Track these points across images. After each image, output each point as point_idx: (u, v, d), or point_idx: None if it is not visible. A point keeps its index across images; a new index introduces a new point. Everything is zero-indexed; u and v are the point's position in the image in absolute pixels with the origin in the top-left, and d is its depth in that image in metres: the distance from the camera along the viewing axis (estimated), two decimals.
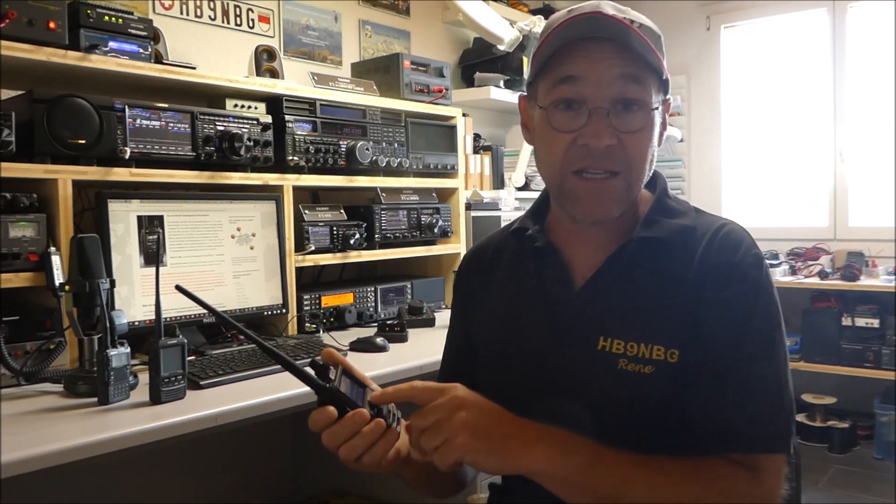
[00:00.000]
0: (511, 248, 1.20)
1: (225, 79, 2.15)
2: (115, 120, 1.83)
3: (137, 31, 1.94)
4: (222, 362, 1.74)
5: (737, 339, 0.98)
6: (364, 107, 2.51)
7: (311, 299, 2.32)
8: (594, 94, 1.00)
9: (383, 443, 0.93)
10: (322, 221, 2.37)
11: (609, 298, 1.05)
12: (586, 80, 1.00)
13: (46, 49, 1.74)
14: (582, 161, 1.01)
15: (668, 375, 0.98)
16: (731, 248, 1.02)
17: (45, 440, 1.23)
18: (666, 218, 1.08)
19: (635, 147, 1.01)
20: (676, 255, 1.03)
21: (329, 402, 0.91)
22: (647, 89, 1.01)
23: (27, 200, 1.68)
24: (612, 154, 1.00)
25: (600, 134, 0.99)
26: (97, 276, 1.59)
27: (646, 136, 1.02)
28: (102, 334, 1.49)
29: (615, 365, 1.00)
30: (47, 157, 1.73)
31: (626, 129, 1.00)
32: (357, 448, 0.92)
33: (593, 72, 1.00)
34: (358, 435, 0.91)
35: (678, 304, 1.00)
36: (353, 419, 0.91)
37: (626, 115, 1.00)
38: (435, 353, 1.94)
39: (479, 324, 1.20)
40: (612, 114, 1.00)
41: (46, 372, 1.61)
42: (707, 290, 1.00)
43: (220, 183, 2.08)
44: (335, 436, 0.91)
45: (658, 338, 0.99)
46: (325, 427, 0.91)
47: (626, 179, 1.02)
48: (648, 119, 1.02)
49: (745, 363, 0.97)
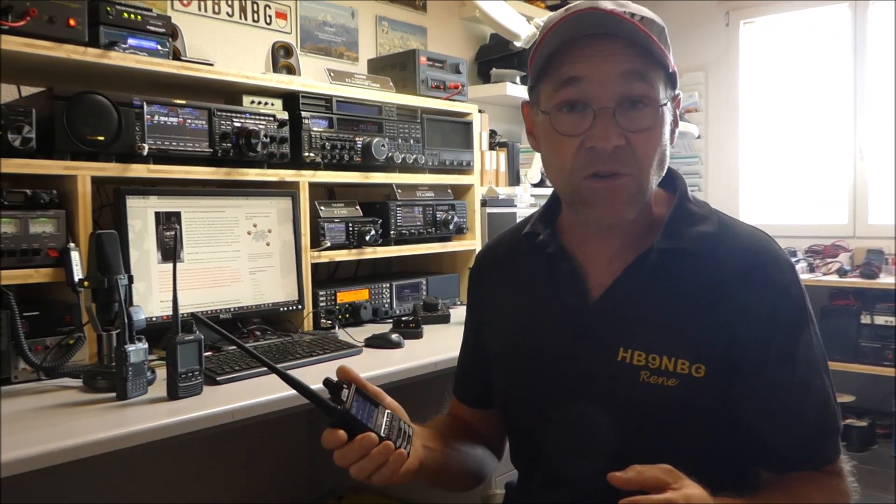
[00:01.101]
0: (524, 251, 1.17)
1: (242, 75, 2.15)
2: (133, 116, 1.84)
3: (156, 28, 1.95)
4: (239, 358, 1.75)
5: (790, 356, 0.98)
6: (380, 103, 2.52)
7: (327, 295, 2.33)
8: (598, 94, 0.96)
9: (391, 464, 0.95)
10: (338, 218, 2.37)
11: (629, 309, 1.02)
12: (589, 79, 0.96)
13: (66, 46, 1.75)
14: (593, 165, 0.97)
15: (693, 390, 0.97)
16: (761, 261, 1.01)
17: (64, 435, 1.24)
18: (687, 225, 1.04)
19: (644, 146, 0.97)
20: (696, 265, 1.01)
21: (339, 425, 0.94)
22: (654, 85, 0.97)
23: (47, 196, 1.70)
24: (620, 155, 0.96)
25: (608, 135, 0.95)
26: (115, 271, 1.60)
27: (655, 134, 0.98)
28: (121, 330, 1.50)
29: (637, 377, 0.99)
30: (67, 154, 1.74)
31: (633, 129, 0.96)
32: (366, 469, 0.94)
33: (596, 71, 0.96)
34: (367, 457, 0.94)
35: (703, 318, 0.98)
36: (361, 443, 0.93)
37: (633, 114, 0.96)
38: (450, 349, 1.95)
39: (493, 327, 1.19)
40: (619, 113, 0.96)
41: (66, 367, 1.63)
42: (740, 306, 0.98)
43: (236, 179, 2.09)
44: (345, 457, 0.94)
45: (682, 351, 0.97)
46: (336, 448, 0.94)
47: (635, 181, 0.98)
48: (657, 116, 0.98)
49: (807, 376, 0.98)
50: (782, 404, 0.97)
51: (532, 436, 1.11)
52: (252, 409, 1.48)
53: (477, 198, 2.89)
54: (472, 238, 2.84)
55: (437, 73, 2.79)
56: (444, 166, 2.75)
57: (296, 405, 1.56)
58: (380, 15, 3.17)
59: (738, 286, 0.99)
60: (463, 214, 2.77)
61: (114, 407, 1.44)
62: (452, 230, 2.71)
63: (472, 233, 2.84)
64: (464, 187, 2.88)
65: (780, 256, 1.02)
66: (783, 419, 0.97)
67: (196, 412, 1.40)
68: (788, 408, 0.97)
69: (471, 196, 2.87)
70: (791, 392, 0.98)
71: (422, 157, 2.62)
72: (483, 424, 1.25)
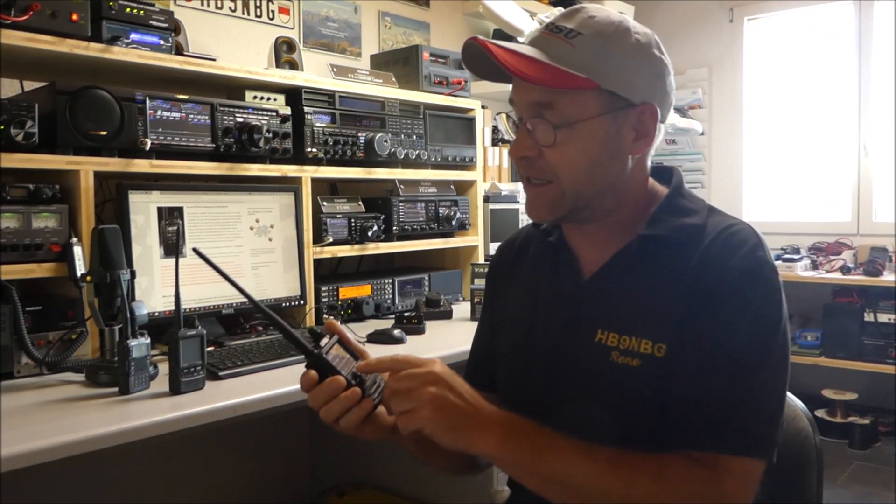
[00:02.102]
0: (535, 242, 1.24)
1: (245, 70, 2.15)
2: (135, 111, 1.84)
3: (158, 23, 1.95)
4: (241, 353, 1.75)
5: (722, 343, 0.97)
6: (383, 99, 2.51)
7: (329, 291, 2.33)
8: (518, 112, 1.09)
9: (357, 410, 1.00)
10: (340, 213, 2.37)
11: (610, 293, 1.08)
12: (515, 102, 1.09)
13: (69, 41, 1.75)
14: (520, 170, 1.11)
15: (653, 369, 1.00)
16: (731, 250, 1.01)
17: (66, 430, 1.24)
18: (674, 216, 1.08)
19: (558, 158, 1.04)
20: (678, 254, 1.04)
21: (314, 368, 1.01)
22: (570, 104, 1.03)
23: (50, 191, 1.70)
24: (535, 164, 1.07)
25: (518, 146, 1.07)
26: (118, 266, 1.60)
27: (571, 149, 1.04)
28: (123, 325, 1.50)
29: (608, 357, 1.03)
30: (69, 149, 1.74)
31: (545, 144, 1.05)
32: (332, 411, 0.99)
33: (515, 94, 1.09)
34: (334, 400, 0.99)
35: (672, 301, 1.02)
36: (329, 384, 0.99)
37: (545, 132, 1.04)
38: (452, 345, 1.95)
39: (503, 317, 1.24)
40: (532, 128, 1.05)
41: (68, 362, 1.63)
42: (701, 290, 1.00)
43: (239, 174, 2.09)
44: (315, 398, 1.00)
45: (648, 332, 1.01)
46: (309, 389, 1.00)
47: (558, 187, 1.06)
48: (573, 134, 1.03)
49: (730, 366, 0.97)
50: (718, 391, 0.96)
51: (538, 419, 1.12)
52: (254, 405, 1.48)
53: (479, 194, 2.89)
54: (474, 234, 2.84)
55: (439, 69, 2.79)
56: (447, 162, 2.75)
57: (298, 400, 1.56)
58: (383, 10, 3.17)
59: (710, 278, 1.00)
60: (465, 210, 2.77)
61: (116, 402, 1.44)
62: (455, 226, 2.71)
63: (474, 229, 2.84)
64: (466, 183, 2.87)
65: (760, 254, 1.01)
66: (710, 400, 0.96)
67: (198, 407, 1.40)
68: (723, 395, 0.96)
69: (473, 192, 2.87)
70: (735, 387, 0.96)
71: (424, 152, 2.62)
72: None
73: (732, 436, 0.95)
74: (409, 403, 0.94)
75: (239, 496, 2.51)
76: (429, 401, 0.94)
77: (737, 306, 0.98)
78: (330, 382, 0.99)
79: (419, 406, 0.94)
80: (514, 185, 3.27)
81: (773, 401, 0.98)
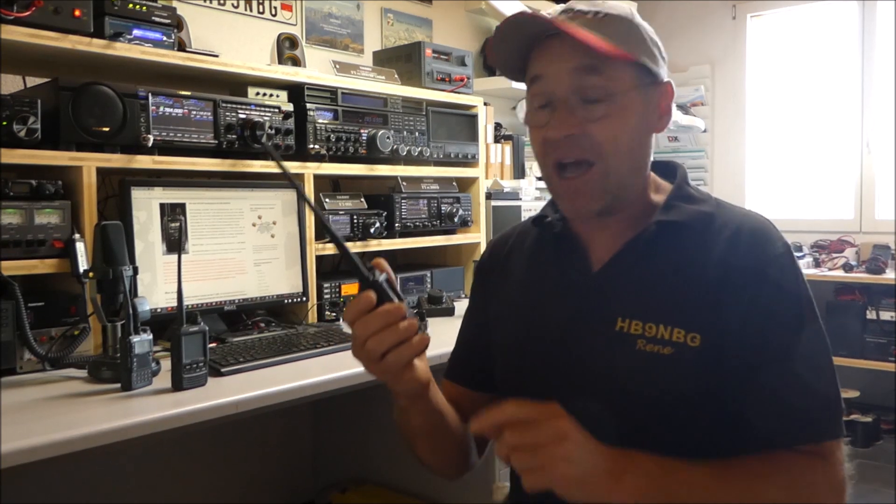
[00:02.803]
0: (532, 236, 1.22)
1: (247, 67, 2.15)
2: (138, 108, 1.84)
3: (161, 19, 1.95)
4: (243, 350, 1.75)
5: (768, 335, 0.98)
6: (385, 95, 2.51)
7: (331, 287, 2.33)
8: (555, 88, 1.03)
9: (413, 344, 0.93)
10: (342, 210, 2.37)
11: (627, 280, 1.06)
12: (547, 77, 1.03)
13: (72, 37, 1.75)
14: (554, 153, 1.03)
15: (688, 358, 0.98)
16: (760, 246, 1.02)
17: (68, 425, 1.24)
18: (685, 204, 1.08)
19: (603, 134, 1.01)
20: (696, 240, 1.04)
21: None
22: (612, 76, 1.01)
23: (52, 188, 1.70)
24: (579, 143, 1.01)
25: (560, 125, 1.01)
26: (120, 262, 1.61)
27: (615, 123, 1.02)
28: (125, 321, 1.50)
29: (633, 345, 1.01)
30: (72, 145, 1.74)
31: (590, 118, 1.01)
32: (385, 342, 0.91)
33: (550, 68, 1.03)
34: (391, 327, 0.91)
35: (699, 290, 1.01)
36: (388, 310, 0.90)
37: (589, 106, 1.01)
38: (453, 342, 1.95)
39: (499, 309, 1.21)
40: (575, 104, 1.01)
41: (71, 357, 1.63)
42: (734, 285, 0.99)
43: (241, 171, 2.09)
44: (367, 325, 0.91)
45: (678, 320, 1.00)
46: (361, 315, 0.91)
47: (602, 168, 1.02)
48: (615, 107, 1.02)
49: (786, 355, 0.97)
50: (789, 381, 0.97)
51: None
52: (256, 401, 1.48)
53: (482, 191, 2.89)
54: (476, 231, 2.84)
55: (442, 66, 2.79)
56: (449, 159, 2.75)
57: (300, 397, 1.56)
58: (385, 7, 3.16)
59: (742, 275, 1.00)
60: (468, 207, 2.77)
61: (118, 398, 1.44)
62: (457, 223, 2.71)
63: (476, 226, 2.84)
64: (468, 180, 2.87)
65: (775, 235, 1.04)
66: (790, 391, 0.96)
67: (200, 403, 1.40)
68: (797, 384, 0.97)
69: (475, 189, 2.87)
70: (801, 373, 0.97)
71: (427, 149, 2.62)
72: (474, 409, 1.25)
73: (827, 420, 0.97)
74: (537, 461, 0.86)
75: (241, 492, 2.51)
76: (562, 459, 0.85)
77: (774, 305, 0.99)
78: (390, 307, 0.90)
79: (550, 465, 0.85)
80: (515, 183, 3.27)
81: (834, 377, 1.00)
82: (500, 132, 3.40)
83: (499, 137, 3.37)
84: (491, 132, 3.24)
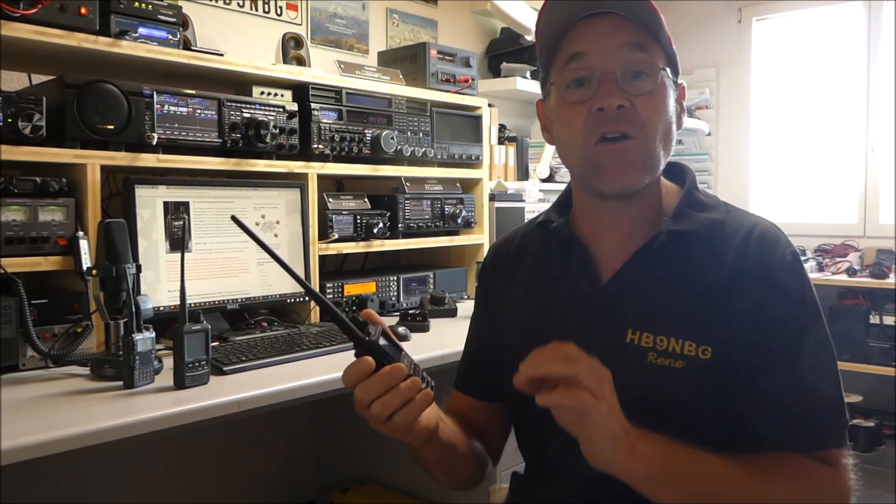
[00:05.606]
0: (536, 241, 1.20)
1: (252, 66, 2.15)
2: (143, 106, 1.84)
3: (167, 18, 1.95)
4: (245, 349, 1.76)
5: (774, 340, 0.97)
6: (390, 96, 2.51)
7: (334, 287, 2.33)
8: (600, 64, 1.01)
9: (417, 402, 0.92)
10: (346, 210, 2.37)
11: (638, 292, 1.04)
12: (591, 53, 1.02)
13: (77, 35, 1.76)
14: (601, 126, 1.00)
15: (699, 371, 0.97)
16: (768, 252, 1.01)
17: (70, 423, 1.24)
18: (696, 211, 1.07)
19: (647, 109, 1.01)
20: (707, 250, 1.03)
21: (367, 355, 0.90)
22: (654, 55, 1.03)
23: (57, 185, 1.70)
24: (626, 116, 1.00)
25: (612, 95, 0.99)
26: (124, 260, 1.61)
27: (658, 100, 1.02)
28: (128, 319, 1.51)
29: (644, 358, 1.00)
30: (77, 143, 1.74)
31: (636, 93, 1.00)
32: (391, 404, 0.90)
33: (596, 44, 1.02)
34: (393, 390, 0.89)
35: (710, 302, 1.00)
36: (390, 373, 0.89)
37: (635, 81, 1.01)
38: (456, 343, 1.94)
39: (505, 318, 1.20)
40: (621, 78, 1.00)
41: (73, 355, 1.63)
42: (742, 292, 0.99)
43: (245, 170, 2.09)
44: (369, 390, 0.89)
45: (689, 333, 0.99)
46: (360, 380, 0.89)
47: (642, 144, 1.01)
48: (658, 84, 1.02)
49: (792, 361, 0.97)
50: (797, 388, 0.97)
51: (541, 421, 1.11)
52: (258, 400, 1.48)
53: (485, 192, 2.89)
54: (479, 232, 2.84)
55: (447, 67, 2.79)
56: (453, 160, 2.74)
57: (302, 396, 1.56)
58: (391, 7, 3.16)
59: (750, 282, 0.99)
60: (471, 208, 2.77)
61: (120, 395, 1.44)
62: (460, 224, 2.70)
63: (479, 227, 2.84)
64: (472, 181, 2.87)
65: (784, 241, 1.03)
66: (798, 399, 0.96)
67: (202, 402, 1.40)
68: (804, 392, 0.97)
69: (479, 190, 2.87)
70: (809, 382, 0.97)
71: (431, 150, 2.62)
72: (484, 419, 1.24)
73: (833, 429, 0.97)
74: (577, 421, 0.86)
75: (242, 491, 2.52)
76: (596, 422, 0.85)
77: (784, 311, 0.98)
78: (390, 371, 0.89)
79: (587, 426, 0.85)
80: (519, 184, 3.27)
81: (839, 386, 0.99)
82: (504, 133, 3.40)
83: (503, 139, 3.36)
84: (495, 133, 3.24)
